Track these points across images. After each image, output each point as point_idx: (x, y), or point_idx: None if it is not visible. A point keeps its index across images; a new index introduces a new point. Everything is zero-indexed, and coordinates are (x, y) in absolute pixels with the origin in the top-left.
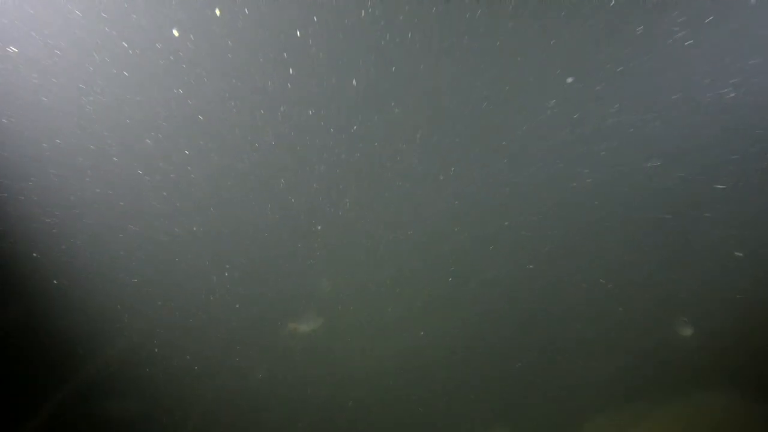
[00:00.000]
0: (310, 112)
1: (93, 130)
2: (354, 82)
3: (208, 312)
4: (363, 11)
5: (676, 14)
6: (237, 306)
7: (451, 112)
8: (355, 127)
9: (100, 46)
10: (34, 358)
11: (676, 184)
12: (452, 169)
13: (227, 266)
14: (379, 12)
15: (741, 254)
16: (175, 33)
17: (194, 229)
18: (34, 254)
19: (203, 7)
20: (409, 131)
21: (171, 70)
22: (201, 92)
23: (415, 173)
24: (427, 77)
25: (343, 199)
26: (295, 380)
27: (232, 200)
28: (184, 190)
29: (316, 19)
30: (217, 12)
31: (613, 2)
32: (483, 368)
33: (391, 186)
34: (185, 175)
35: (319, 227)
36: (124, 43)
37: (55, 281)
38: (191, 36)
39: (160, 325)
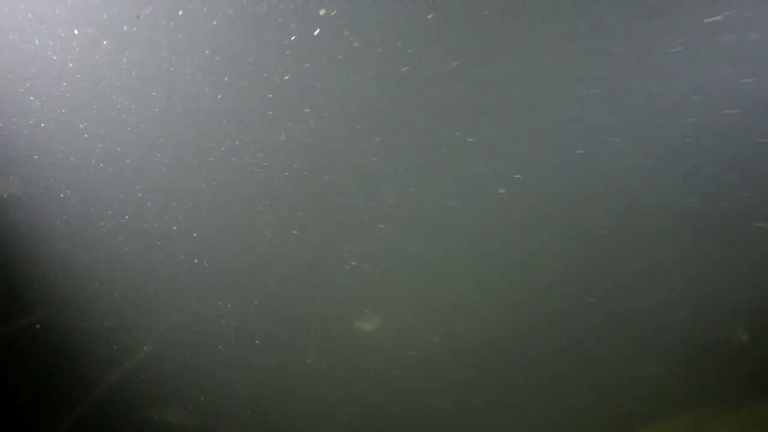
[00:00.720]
0: (328, 113)
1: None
2: (405, 68)
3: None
4: None
5: None
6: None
7: (530, 108)
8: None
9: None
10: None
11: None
12: (517, 178)
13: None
14: None
15: None
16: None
17: (195, 260)
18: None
19: None
20: (460, 131)
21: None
22: (188, 89)
23: (468, 184)
24: (497, 61)
25: (376, 225)
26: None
27: (230, 222)
28: (180, 208)
29: None
30: None
31: None
32: (535, 377)
33: (437, 202)
34: (177, 193)
35: (354, 264)
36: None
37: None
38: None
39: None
